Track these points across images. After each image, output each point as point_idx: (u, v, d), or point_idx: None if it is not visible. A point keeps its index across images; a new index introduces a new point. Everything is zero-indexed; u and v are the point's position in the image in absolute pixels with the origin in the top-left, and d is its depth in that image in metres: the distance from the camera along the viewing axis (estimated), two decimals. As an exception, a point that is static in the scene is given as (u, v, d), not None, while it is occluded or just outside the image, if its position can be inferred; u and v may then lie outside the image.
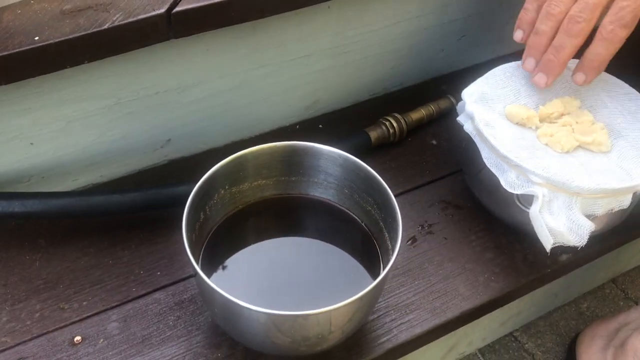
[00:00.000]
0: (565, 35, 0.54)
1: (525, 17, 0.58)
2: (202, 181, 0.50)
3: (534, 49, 0.58)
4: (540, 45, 0.57)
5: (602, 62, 0.56)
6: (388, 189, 0.52)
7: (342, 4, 0.66)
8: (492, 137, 0.58)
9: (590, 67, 0.57)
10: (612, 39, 0.54)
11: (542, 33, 0.56)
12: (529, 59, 0.59)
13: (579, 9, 0.53)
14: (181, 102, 0.65)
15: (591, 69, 0.57)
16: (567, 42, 0.55)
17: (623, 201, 0.57)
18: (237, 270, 0.54)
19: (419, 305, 0.58)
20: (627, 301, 0.85)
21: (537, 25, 0.57)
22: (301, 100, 0.74)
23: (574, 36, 0.54)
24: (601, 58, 0.56)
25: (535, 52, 0.58)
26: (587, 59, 0.56)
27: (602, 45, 0.54)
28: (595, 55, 0.56)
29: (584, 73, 0.58)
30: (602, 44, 0.54)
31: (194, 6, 0.55)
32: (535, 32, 0.57)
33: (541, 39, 0.57)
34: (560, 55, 0.56)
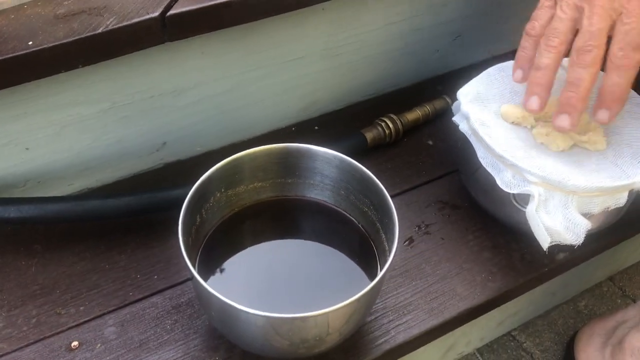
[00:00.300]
0: (579, 68, 0.51)
1: (524, 55, 0.56)
2: (198, 184, 0.50)
3: (537, 85, 0.54)
4: (543, 80, 0.54)
5: (623, 92, 0.52)
6: (384, 190, 0.52)
7: (336, 6, 0.66)
8: (488, 137, 0.58)
9: (612, 99, 0.53)
10: (628, 65, 0.51)
11: (545, 67, 0.53)
12: (534, 98, 0.54)
13: (585, 39, 0.50)
14: (177, 106, 0.65)
15: (613, 102, 0.53)
16: (584, 74, 0.51)
17: (619, 199, 0.57)
18: (234, 273, 0.53)
19: (416, 306, 0.58)
20: (625, 299, 0.85)
21: (538, 60, 0.53)
22: (297, 102, 0.74)
23: (590, 66, 0.51)
24: (621, 88, 0.52)
25: (540, 88, 0.54)
26: (608, 92, 0.53)
27: (618, 74, 0.51)
28: (614, 87, 0.52)
29: (607, 108, 0.53)
30: (618, 73, 0.51)
31: (188, 9, 0.55)
32: (537, 68, 0.54)
33: (544, 73, 0.53)
34: (580, 89, 0.52)
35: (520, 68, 0.57)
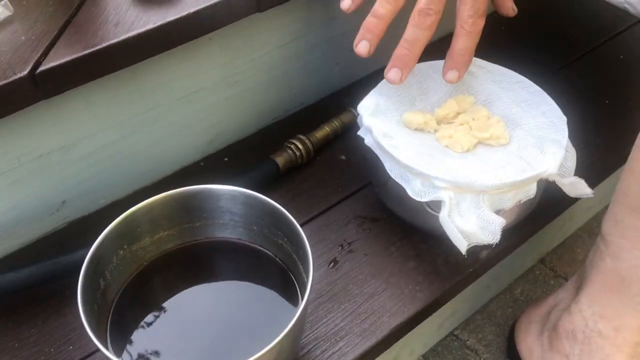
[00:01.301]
0: (418, 29, 0.55)
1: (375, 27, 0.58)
2: (94, 248, 0.47)
3: (369, 32, 0.57)
4: (375, 28, 0.57)
5: (470, 54, 0.57)
6: (294, 221, 0.51)
7: (223, 35, 0.64)
8: (392, 148, 0.57)
9: (461, 61, 0.57)
10: (475, 31, 0.55)
11: (381, 17, 0.56)
12: (364, 42, 0.57)
13: (428, 3, 0.54)
14: (69, 161, 0.61)
15: (462, 64, 0.57)
16: (420, 35, 0.55)
17: (529, 191, 0.57)
18: (151, 334, 0.50)
19: (348, 331, 0.57)
20: (557, 279, 0.87)
21: (376, 8, 0.56)
22: (201, 137, 0.71)
23: (427, 29, 0.54)
24: (469, 51, 0.57)
25: (371, 35, 0.57)
26: (457, 54, 0.56)
27: (468, 38, 0.55)
28: (463, 50, 0.56)
29: (457, 69, 0.57)
30: (468, 38, 0.55)
31: (60, 62, 0.52)
32: (373, 14, 0.56)
33: (377, 22, 0.56)
34: (414, 48, 0.56)
35: None
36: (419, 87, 0.64)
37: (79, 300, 0.44)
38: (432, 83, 0.64)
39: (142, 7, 0.57)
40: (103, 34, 0.54)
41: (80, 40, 0.54)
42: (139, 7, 0.57)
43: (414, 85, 0.64)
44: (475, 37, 0.56)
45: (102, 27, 0.55)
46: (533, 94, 0.64)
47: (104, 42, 0.54)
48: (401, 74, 0.57)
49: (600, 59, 0.87)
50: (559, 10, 0.94)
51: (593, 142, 0.73)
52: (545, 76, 0.68)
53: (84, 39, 0.54)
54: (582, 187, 0.59)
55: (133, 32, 0.55)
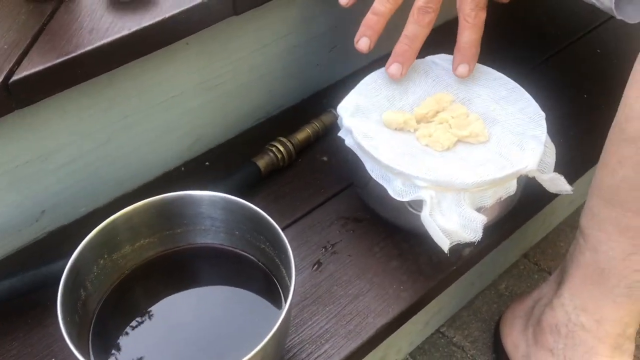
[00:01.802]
0: (417, 26, 0.57)
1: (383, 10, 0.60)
2: (72, 259, 0.47)
3: (369, 29, 0.59)
4: (375, 26, 0.59)
5: (477, 47, 0.59)
6: (275, 225, 0.50)
7: (200, 39, 0.64)
8: (373, 149, 0.57)
9: (470, 55, 0.59)
10: (478, 23, 0.57)
11: (381, 14, 0.58)
12: (364, 39, 0.60)
13: (427, 0, 0.56)
14: (47, 170, 0.61)
15: (471, 57, 0.59)
16: (419, 32, 0.57)
17: (509, 188, 0.57)
18: (134, 343, 0.50)
19: (333, 333, 0.57)
20: (541, 273, 0.87)
21: (376, 5, 0.58)
22: (181, 142, 0.71)
23: (426, 26, 0.57)
24: (476, 43, 0.58)
25: (371, 32, 0.59)
26: (465, 48, 0.58)
27: (473, 30, 0.57)
28: (470, 43, 0.58)
29: (467, 63, 0.59)
30: (473, 30, 0.57)
31: (34, 71, 0.51)
32: (373, 12, 0.59)
33: (377, 20, 0.58)
34: (414, 44, 0.58)
35: None
36: (398, 87, 0.64)
37: (59, 312, 0.44)
38: (411, 83, 0.64)
39: (117, 13, 0.57)
40: (77, 41, 0.54)
41: (54, 48, 0.53)
42: (113, 13, 0.57)
43: (393, 85, 0.64)
44: (479, 29, 0.57)
45: (76, 34, 0.54)
46: (511, 90, 0.64)
47: (78, 50, 0.53)
48: (402, 68, 0.60)
49: (577, 54, 0.87)
50: (535, 6, 0.95)
51: (572, 136, 0.74)
52: (523, 72, 0.68)
53: (57, 47, 0.53)
54: (562, 183, 0.59)
55: (108, 39, 0.54)
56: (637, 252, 0.56)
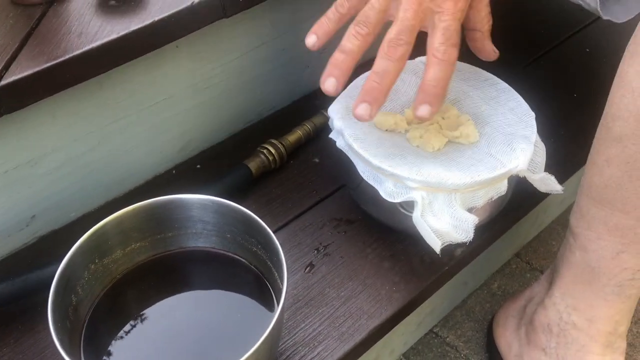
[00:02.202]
0: (388, 61, 0.50)
1: (325, 25, 0.55)
2: (63, 265, 0.46)
3: (337, 69, 0.52)
4: (344, 65, 0.52)
5: (444, 87, 0.52)
6: (266, 228, 0.50)
7: (190, 42, 0.64)
8: (364, 151, 0.57)
9: (434, 93, 0.51)
10: (449, 59, 0.51)
11: (349, 52, 0.51)
12: (330, 79, 0.53)
13: (397, 32, 0.49)
14: (37, 175, 0.60)
15: (435, 97, 0.51)
16: (390, 67, 0.50)
17: (500, 188, 0.58)
18: (126, 348, 0.50)
19: (326, 335, 0.57)
20: (533, 272, 0.88)
21: (344, 43, 0.52)
22: (172, 145, 0.71)
23: (398, 60, 0.50)
24: (443, 82, 0.51)
25: (339, 72, 0.52)
26: (430, 86, 0.51)
27: (440, 68, 0.50)
28: (436, 81, 0.51)
29: (429, 104, 0.51)
30: (440, 67, 0.50)
31: (22, 76, 0.51)
32: (341, 51, 0.52)
33: (347, 58, 0.52)
34: (384, 81, 0.51)
35: (315, 34, 0.55)
36: (389, 88, 0.64)
37: (50, 317, 0.44)
38: (401, 84, 0.64)
39: (106, 16, 0.57)
40: (66, 46, 0.53)
41: (43, 53, 0.53)
42: (102, 16, 0.57)
43: (384, 86, 0.64)
44: (449, 66, 0.51)
45: (64, 39, 0.54)
46: (501, 91, 0.64)
47: (67, 54, 0.53)
48: (370, 109, 0.51)
49: (566, 53, 0.88)
50: (524, 6, 0.95)
51: (562, 136, 0.74)
52: (512, 73, 0.68)
53: (46, 51, 0.53)
54: (552, 183, 0.59)
55: (97, 43, 0.54)
56: (626, 250, 0.56)
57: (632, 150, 0.52)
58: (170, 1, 0.58)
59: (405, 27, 0.50)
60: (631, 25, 0.60)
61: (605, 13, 0.63)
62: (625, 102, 0.51)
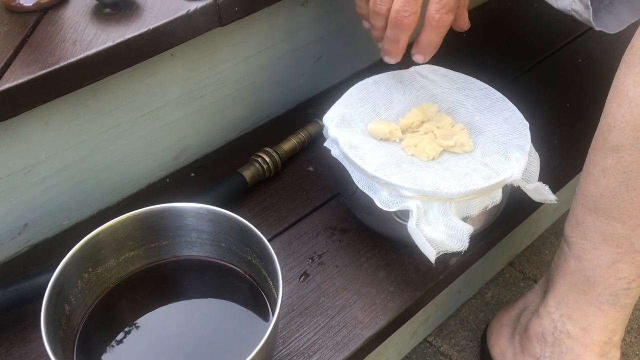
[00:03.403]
0: (396, 29, 0.58)
1: (361, 12, 0.64)
2: (56, 274, 0.46)
3: (378, 39, 0.63)
4: (376, 32, 0.61)
5: (436, 46, 0.60)
6: (262, 237, 0.50)
7: (185, 50, 0.64)
8: (359, 159, 0.57)
9: (428, 50, 0.61)
10: (442, 25, 0.58)
11: (378, 28, 0.61)
12: (380, 44, 0.62)
13: (402, 4, 0.56)
14: (30, 183, 0.60)
15: (428, 51, 0.61)
16: (399, 35, 0.58)
17: (494, 197, 0.58)
18: (120, 358, 0.49)
19: (321, 345, 0.57)
20: (527, 281, 0.88)
21: (371, 21, 0.61)
22: (166, 153, 0.70)
23: (406, 29, 0.58)
24: (435, 43, 0.59)
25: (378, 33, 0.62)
26: (423, 45, 0.60)
27: (434, 32, 0.58)
28: (429, 41, 0.59)
29: (422, 54, 0.61)
30: (434, 31, 0.58)
31: (16, 83, 0.50)
32: (373, 27, 0.61)
33: (379, 32, 0.61)
34: (397, 45, 0.60)
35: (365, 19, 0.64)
36: (384, 97, 0.64)
37: (42, 327, 0.43)
38: (396, 93, 0.65)
39: (101, 24, 0.56)
40: (60, 53, 0.53)
41: (37, 60, 0.52)
42: (97, 24, 0.56)
43: (379, 95, 0.64)
44: (441, 30, 0.58)
45: (59, 46, 0.54)
46: (495, 100, 0.64)
47: (61, 61, 0.52)
48: (393, 59, 0.62)
49: (559, 63, 0.88)
50: (517, 17, 0.96)
51: (556, 145, 0.75)
52: (507, 82, 0.69)
53: (40, 59, 0.53)
54: (546, 192, 0.60)
55: (92, 50, 0.54)
56: (622, 260, 0.56)
57: (628, 160, 0.52)
58: (166, 9, 0.58)
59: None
60: (623, 35, 0.61)
61: (597, 24, 0.64)
62: (621, 112, 0.51)
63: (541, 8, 0.95)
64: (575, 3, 0.63)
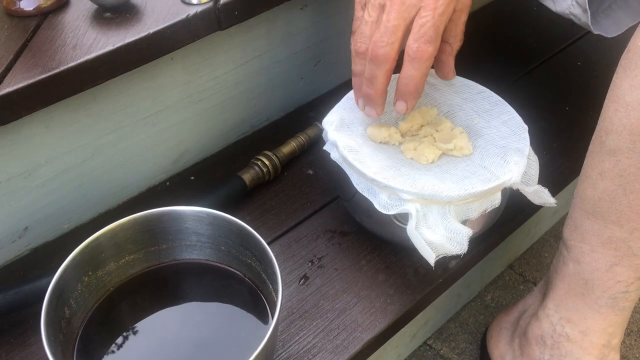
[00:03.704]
0: (373, 65, 0.52)
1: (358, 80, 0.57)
2: (56, 278, 0.46)
3: (357, 90, 0.56)
4: (360, 85, 0.55)
5: (417, 84, 0.53)
6: (261, 240, 0.50)
7: (185, 54, 0.64)
8: (358, 163, 0.57)
9: (407, 91, 0.53)
10: (421, 57, 0.51)
11: (358, 74, 0.55)
12: (361, 100, 0.57)
13: (379, 35, 0.51)
14: (30, 186, 0.60)
15: (408, 94, 0.53)
16: (376, 71, 0.52)
17: (494, 200, 0.58)
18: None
19: (320, 348, 0.57)
20: (526, 284, 0.88)
21: (352, 67, 0.55)
22: (166, 156, 0.70)
23: (382, 63, 0.51)
24: (415, 80, 0.52)
25: (359, 92, 0.56)
26: (402, 84, 0.53)
27: (412, 66, 0.51)
28: (408, 79, 0.52)
29: (404, 100, 0.54)
30: (412, 65, 0.51)
31: (17, 87, 0.51)
32: (353, 74, 0.56)
33: (359, 79, 0.55)
34: (375, 85, 0.53)
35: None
36: (383, 101, 0.64)
37: (43, 331, 0.43)
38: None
39: (101, 28, 0.57)
40: (61, 57, 0.53)
41: (37, 64, 0.53)
42: (97, 28, 0.57)
43: (378, 98, 0.64)
44: (420, 64, 0.51)
45: (59, 50, 0.54)
46: (494, 104, 0.65)
47: (62, 66, 0.53)
48: (375, 110, 0.56)
49: (558, 66, 0.89)
50: (516, 20, 0.96)
51: (555, 148, 0.75)
52: (505, 86, 0.69)
53: (41, 63, 0.53)
54: (545, 195, 0.60)
55: (92, 55, 0.54)
56: (620, 263, 0.57)
57: (625, 164, 0.52)
58: (166, 14, 0.58)
59: (386, 28, 0.51)
60: (622, 39, 0.61)
61: (596, 28, 0.64)
62: (618, 116, 0.52)
63: (540, 11, 0.95)
64: (574, 7, 0.64)
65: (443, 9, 0.50)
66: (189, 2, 0.59)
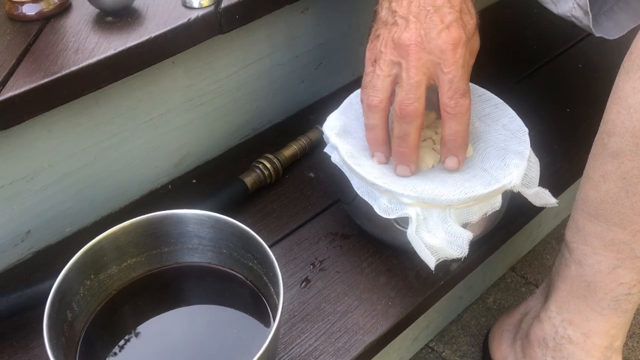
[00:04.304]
0: (403, 124, 0.52)
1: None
2: (59, 281, 0.46)
3: (375, 144, 0.57)
4: (377, 139, 0.56)
5: (463, 137, 0.54)
6: (263, 243, 0.50)
7: (187, 58, 0.64)
8: (358, 167, 0.57)
9: (456, 146, 0.54)
10: (461, 111, 0.52)
11: (373, 127, 0.55)
12: (377, 154, 0.57)
13: (404, 93, 0.51)
14: (33, 190, 0.60)
15: (458, 148, 0.55)
16: (408, 129, 0.53)
17: (494, 203, 0.58)
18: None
19: (322, 350, 0.57)
20: (528, 286, 0.88)
21: (365, 122, 0.55)
22: (168, 159, 0.71)
23: (413, 119, 0.52)
24: (462, 133, 0.53)
25: (378, 146, 0.57)
26: (449, 141, 0.54)
27: (456, 121, 0.52)
28: (455, 134, 0.53)
29: (454, 155, 0.55)
30: (455, 120, 0.52)
31: (19, 92, 0.51)
32: (367, 128, 0.56)
33: (375, 133, 0.55)
34: (408, 143, 0.54)
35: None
36: (384, 104, 0.64)
37: (45, 334, 0.43)
38: (396, 99, 0.65)
39: (103, 32, 0.57)
40: (63, 62, 0.54)
41: (40, 69, 0.53)
42: (99, 32, 0.57)
43: (379, 101, 0.64)
44: (462, 117, 0.52)
45: (61, 55, 0.54)
46: (495, 106, 0.65)
47: (64, 70, 0.53)
48: (409, 168, 0.56)
49: (559, 68, 0.89)
50: (517, 22, 0.96)
51: (556, 150, 0.75)
52: (506, 88, 0.69)
53: (43, 67, 0.53)
54: (547, 196, 0.60)
55: (94, 59, 0.54)
56: (622, 265, 0.57)
57: (628, 166, 0.52)
58: (167, 18, 0.58)
59: (410, 85, 0.51)
60: (623, 41, 0.61)
61: (597, 30, 0.64)
62: (621, 118, 0.52)
63: (541, 13, 0.95)
64: (575, 9, 0.64)
65: (463, 60, 0.51)
66: (190, 6, 0.60)
